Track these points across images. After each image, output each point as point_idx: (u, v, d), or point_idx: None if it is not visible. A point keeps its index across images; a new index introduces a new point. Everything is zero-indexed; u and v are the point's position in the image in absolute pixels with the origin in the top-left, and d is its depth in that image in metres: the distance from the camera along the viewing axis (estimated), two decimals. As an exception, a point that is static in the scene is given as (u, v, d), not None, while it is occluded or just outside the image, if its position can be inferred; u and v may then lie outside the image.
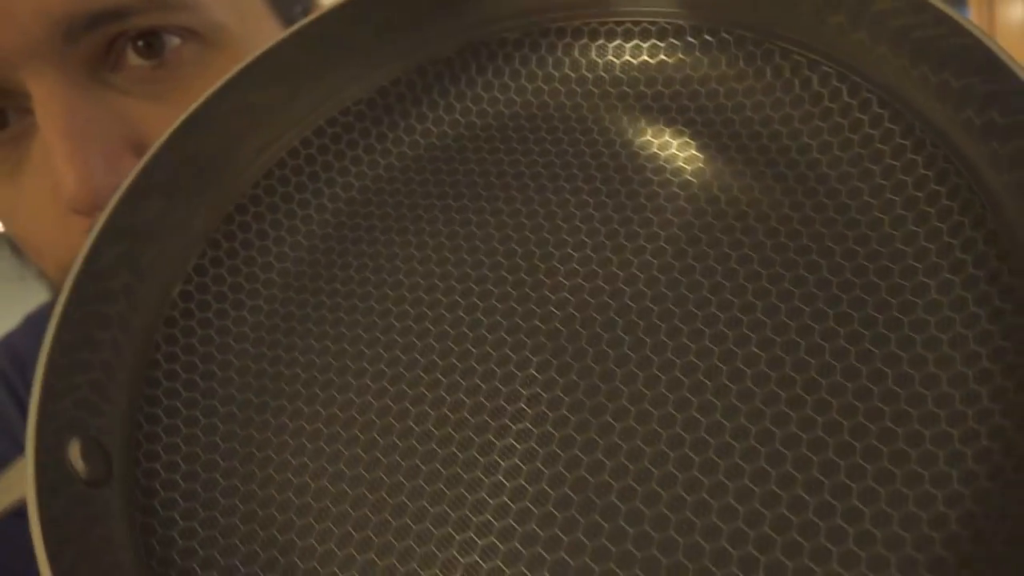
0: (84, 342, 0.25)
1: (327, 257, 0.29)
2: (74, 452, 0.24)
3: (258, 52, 0.28)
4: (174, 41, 0.33)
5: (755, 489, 0.23)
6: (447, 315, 0.27)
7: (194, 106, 0.27)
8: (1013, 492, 0.20)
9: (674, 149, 0.28)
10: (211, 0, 0.34)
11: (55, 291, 0.39)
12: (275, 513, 0.25)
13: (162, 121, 0.32)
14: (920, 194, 0.25)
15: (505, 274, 0.27)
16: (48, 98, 0.31)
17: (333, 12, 0.28)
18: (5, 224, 0.37)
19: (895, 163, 0.25)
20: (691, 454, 0.23)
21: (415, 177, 0.30)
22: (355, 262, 0.29)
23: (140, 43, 0.33)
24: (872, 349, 0.23)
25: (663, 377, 0.25)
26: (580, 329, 0.26)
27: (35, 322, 0.52)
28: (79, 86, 0.32)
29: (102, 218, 0.26)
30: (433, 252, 0.28)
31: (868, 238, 0.25)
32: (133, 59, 0.33)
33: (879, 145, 0.26)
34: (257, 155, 0.30)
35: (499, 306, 0.27)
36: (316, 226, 0.30)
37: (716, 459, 0.23)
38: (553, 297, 0.26)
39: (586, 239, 0.27)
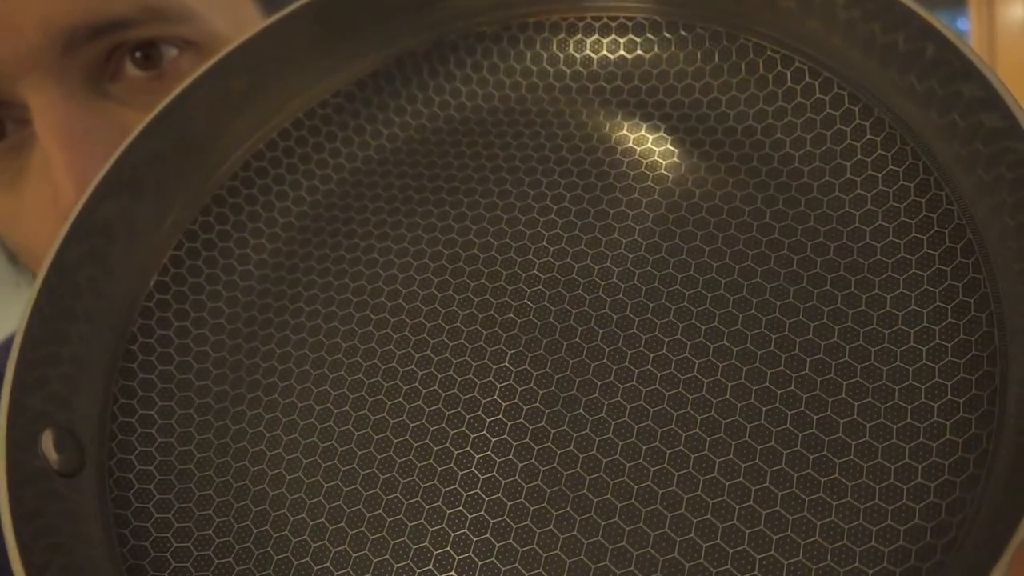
0: (54, 335, 0.25)
1: (304, 248, 0.29)
2: (47, 442, 0.24)
3: (235, 43, 0.28)
4: (171, 52, 0.34)
5: (724, 482, 0.23)
6: (423, 307, 0.27)
7: (170, 98, 0.27)
8: (972, 485, 0.20)
9: (650, 144, 0.28)
10: (209, 11, 0.34)
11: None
12: (250, 504, 0.26)
13: None
14: (890, 190, 0.25)
15: (481, 267, 0.27)
16: (47, 109, 0.31)
17: (311, 4, 0.28)
18: (5, 232, 0.37)
19: (866, 159, 0.25)
20: (662, 447, 0.24)
21: (393, 169, 0.30)
22: (332, 254, 0.29)
23: (138, 54, 0.33)
24: (841, 343, 0.24)
25: (635, 371, 0.25)
26: (554, 322, 0.26)
27: None
28: (77, 96, 0.32)
29: (73, 212, 0.26)
30: (410, 244, 0.28)
31: (839, 232, 0.25)
32: (131, 70, 0.33)
33: (851, 141, 0.26)
34: (235, 146, 0.30)
35: (474, 299, 0.27)
36: (294, 217, 0.30)
37: (687, 452, 0.23)
38: (528, 290, 0.27)
39: (561, 232, 0.27)
